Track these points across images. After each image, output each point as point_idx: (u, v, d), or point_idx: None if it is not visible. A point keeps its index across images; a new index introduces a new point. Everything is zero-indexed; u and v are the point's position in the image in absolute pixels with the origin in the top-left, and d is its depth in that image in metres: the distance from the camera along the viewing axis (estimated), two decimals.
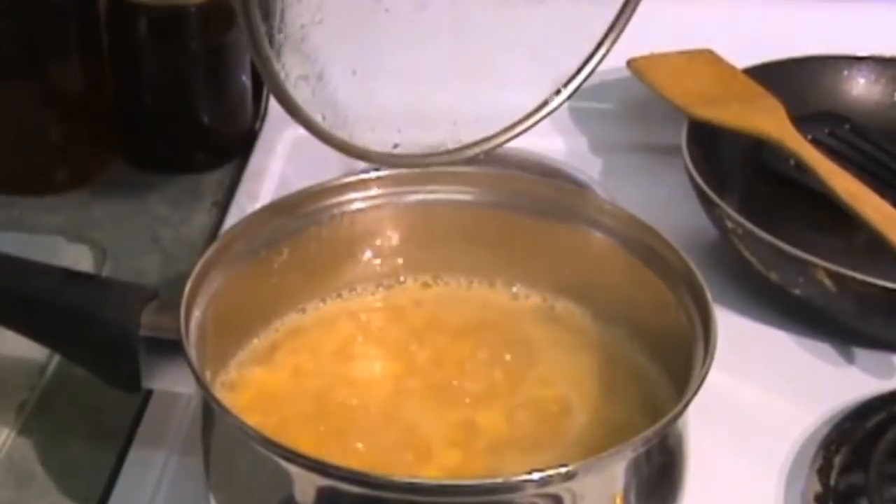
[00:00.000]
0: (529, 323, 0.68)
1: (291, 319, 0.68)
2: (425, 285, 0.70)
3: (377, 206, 0.68)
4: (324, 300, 0.69)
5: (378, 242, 0.69)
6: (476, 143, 0.73)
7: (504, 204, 0.68)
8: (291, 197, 0.67)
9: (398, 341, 0.68)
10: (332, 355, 0.66)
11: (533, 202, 0.68)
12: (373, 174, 0.69)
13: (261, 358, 0.66)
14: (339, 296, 0.69)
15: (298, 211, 0.67)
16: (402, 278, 0.70)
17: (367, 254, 0.69)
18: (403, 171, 0.70)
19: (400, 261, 0.70)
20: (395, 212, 0.69)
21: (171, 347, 0.60)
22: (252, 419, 0.56)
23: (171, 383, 0.63)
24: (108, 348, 0.63)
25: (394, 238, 0.69)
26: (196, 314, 0.60)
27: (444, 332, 0.68)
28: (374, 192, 0.68)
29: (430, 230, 0.69)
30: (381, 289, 0.70)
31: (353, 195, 0.68)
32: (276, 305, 0.67)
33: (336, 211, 0.67)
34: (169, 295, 0.63)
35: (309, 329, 0.67)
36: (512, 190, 0.68)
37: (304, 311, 0.68)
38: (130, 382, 0.63)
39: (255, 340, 0.66)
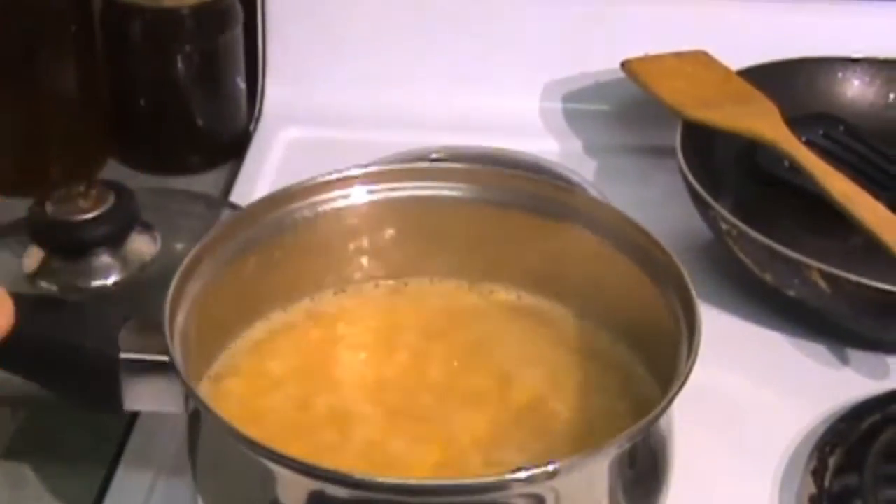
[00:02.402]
0: (515, 321, 0.68)
1: (260, 329, 0.67)
2: (407, 283, 0.70)
3: (361, 204, 0.68)
4: (287, 308, 0.68)
5: (362, 240, 0.69)
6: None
7: (489, 200, 0.68)
8: (257, 204, 0.66)
9: (380, 341, 0.67)
10: (314, 357, 0.66)
11: (518, 198, 0.68)
12: (357, 171, 0.68)
13: (235, 370, 0.65)
14: (304, 302, 0.69)
15: (265, 217, 0.66)
16: (384, 276, 0.70)
17: (351, 252, 0.69)
18: (388, 167, 0.70)
19: (384, 258, 0.69)
20: (380, 209, 0.68)
21: (154, 367, 0.59)
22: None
23: (154, 403, 0.61)
24: (88, 375, 0.61)
25: (378, 235, 0.69)
26: (178, 327, 0.60)
27: (429, 331, 0.67)
28: (357, 189, 0.68)
29: (415, 227, 0.69)
30: (362, 287, 0.70)
31: (335, 193, 0.67)
32: (246, 314, 0.67)
33: (299, 215, 0.67)
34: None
35: (290, 331, 0.67)
36: (498, 186, 0.68)
37: (271, 319, 0.68)
38: (112, 406, 0.62)
39: (228, 351, 0.66)
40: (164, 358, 0.58)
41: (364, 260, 0.70)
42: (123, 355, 0.61)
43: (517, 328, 0.68)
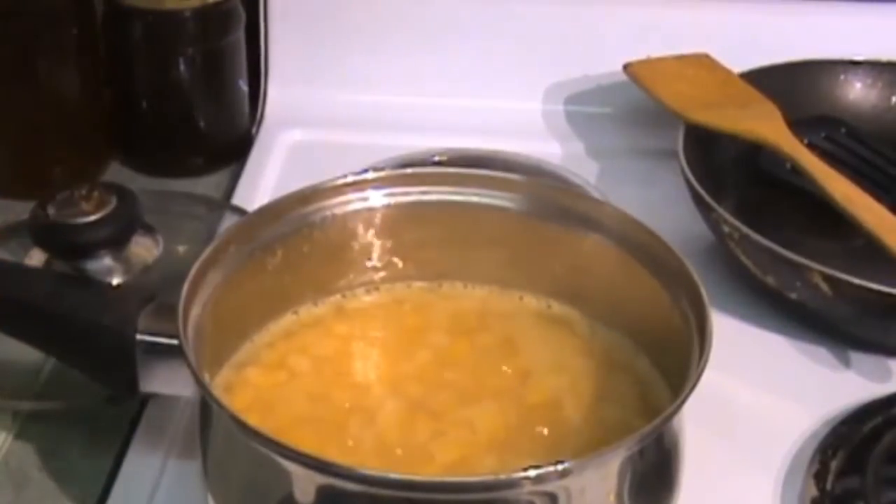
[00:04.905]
0: (526, 324, 0.68)
1: (286, 321, 0.68)
2: (419, 287, 0.70)
3: (371, 208, 0.68)
4: (316, 302, 0.69)
5: (373, 244, 0.69)
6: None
7: (500, 205, 0.68)
8: (286, 199, 0.67)
9: (393, 342, 0.68)
10: (327, 356, 0.66)
11: (529, 203, 0.68)
12: (369, 175, 0.69)
13: (257, 360, 0.65)
14: (334, 297, 0.69)
15: (293, 213, 0.67)
16: (396, 280, 0.70)
17: (361, 255, 0.69)
18: (398, 172, 0.70)
19: (394, 262, 0.70)
20: (390, 213, 0.68)
21: (169, 351, 0.60)
22: (250, 420, 0.56)
23: (168, 386, 0.63)
24: (105, 353, 0.63)
25: (388, 240, 0.69)
26: (193, 315, 0.60)
27: (439, 334, 0.67)
28: (368, 193, 0.68)
29: (426, 232, 0.69)
30: (375, 290, 0.70)
31: (348, 196, 0.68)
32: (271, 307, 0.67)
33: (329, 213, 0.67)
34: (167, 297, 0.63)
35: (304, 331, 0.67)
36: (508, 191, 0.68)
37: (297, 313, 0.68)
38: (128, 386, 0.63)
39: (251, 342, 0.66)
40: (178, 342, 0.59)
41: (397, 261, 0.70)
42: (140, 336, 0.62)
43: (544, 334, 0.68)
